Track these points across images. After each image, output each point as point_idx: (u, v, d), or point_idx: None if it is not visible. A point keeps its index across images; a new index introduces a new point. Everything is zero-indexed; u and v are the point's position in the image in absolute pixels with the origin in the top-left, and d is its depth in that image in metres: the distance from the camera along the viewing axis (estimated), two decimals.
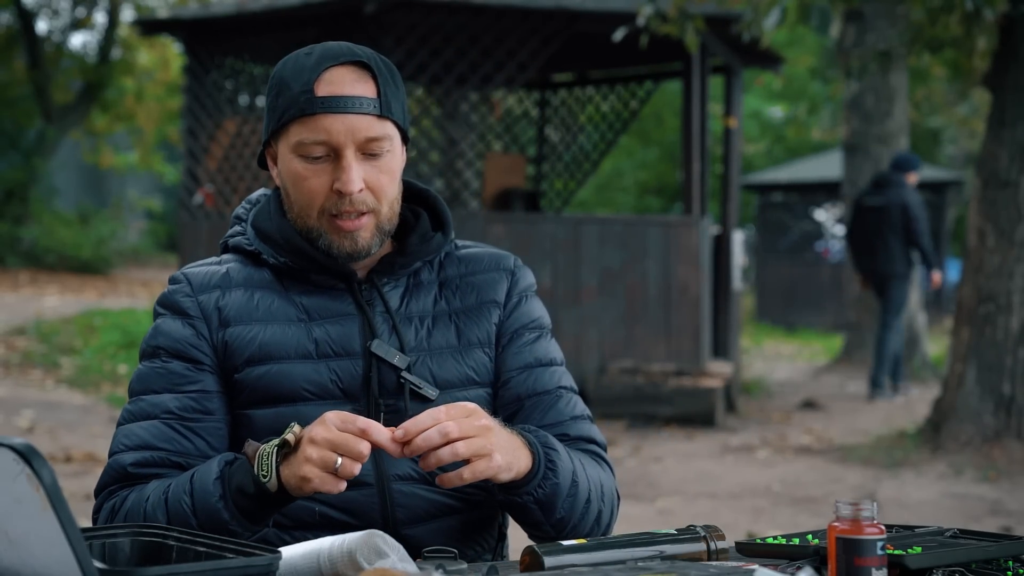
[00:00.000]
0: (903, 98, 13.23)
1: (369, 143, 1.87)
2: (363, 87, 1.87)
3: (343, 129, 1.85)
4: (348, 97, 1.86)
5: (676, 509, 6.72)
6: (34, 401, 9.38)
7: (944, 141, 25.15)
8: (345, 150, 1.86)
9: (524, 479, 1.80)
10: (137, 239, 23.96)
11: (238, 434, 1.93)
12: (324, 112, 1.85)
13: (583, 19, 9.58)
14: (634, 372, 9.49)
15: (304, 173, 1.89)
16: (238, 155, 10.35)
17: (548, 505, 1.83)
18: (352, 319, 1.94)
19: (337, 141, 1.86)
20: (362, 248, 1.91)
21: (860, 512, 1.54)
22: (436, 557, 1.62)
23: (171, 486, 1.81)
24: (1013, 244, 8.20)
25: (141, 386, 1.93)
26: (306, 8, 9.56)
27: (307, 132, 1.86)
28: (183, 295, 1.96)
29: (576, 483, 1.86)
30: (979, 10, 7.62)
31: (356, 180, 1.86)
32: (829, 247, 19.95)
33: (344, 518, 1.89)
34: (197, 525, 1.76)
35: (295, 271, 1.95)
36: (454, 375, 1.95)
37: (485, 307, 2.00)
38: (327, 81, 1.86)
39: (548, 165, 12.32)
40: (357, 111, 1.86)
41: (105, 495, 1.89)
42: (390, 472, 1.90)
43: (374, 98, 1.87)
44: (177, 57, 19.37)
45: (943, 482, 7.63)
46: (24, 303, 14.24)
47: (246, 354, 1.91)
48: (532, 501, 1.82)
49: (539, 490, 1.81)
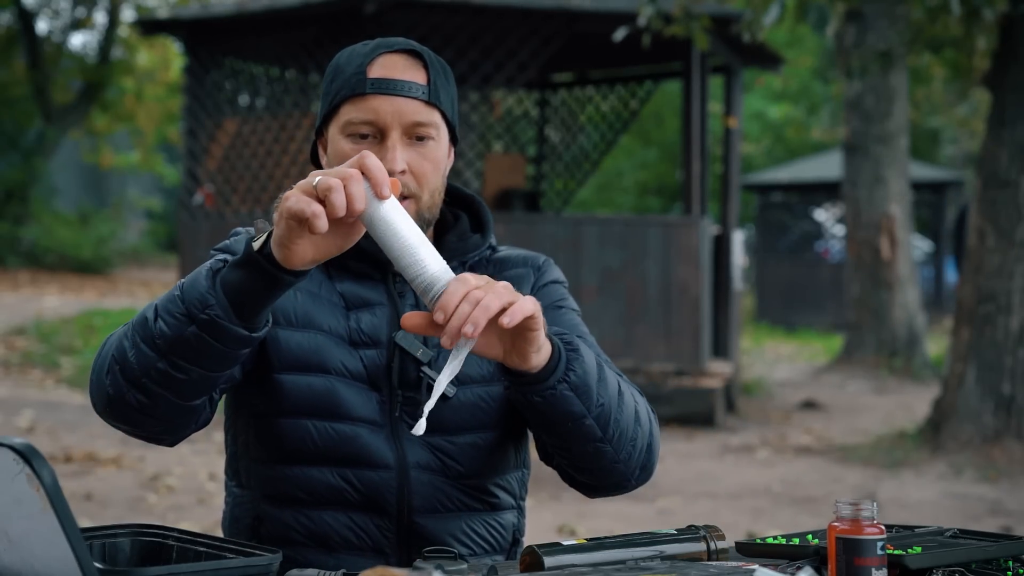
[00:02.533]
0: (903, 98, 13.24)
1: (415, 127, 1.91)
2: (414, 73, 1.92)
3: (391, 110, 1.90)
4: (398, 80, 1.90)
5: (676, 509, 6.72)
6: (34, 401, 9.38)
7: (944, 141, 25.16)
8: (391, 131, 1.90)
9: (550, 366, 1.77)
10: (137, 239, 23.96)
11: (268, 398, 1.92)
12: (374, 93, 1.90)
13: (583, 19, 9.58)
14: (634, 372, 9.49)
15: (350, 152, 1.91)
16: (238, 155, 10.35)
17: (584, 389, 1.80)
18: (383, 309, 1.97)
19: (384, 122, 1.90)
20: None
21: (860, 512, 1.54)
22: (436, 557, 1.62)
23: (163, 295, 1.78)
24: (1013, 244, 8.21)
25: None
26: (306, 8, 9.56)
27: (356, 112, 1.90)
28: (243, 244, 1.94)
29: (602, 367, 1.85)
30: (979, 10, 7.62)
31: (400, 160, 1.89)
32: (829, 247, 19.95)
33: (360, 500, 1.91)
34: (180, 298, 1.70)
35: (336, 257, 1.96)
36: (475, 371, 1.96)
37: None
38: (380, 65, 1.92)
39: (548, 165, 12.32)
40: (406, 94, 1.90)
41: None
42: (411, 459, 1.92)
43: (424, 85, 1.92)
44: (177, 57, 19.39)
45: (943, 482, 7.63)
46: (24, 303, 14.25)
47: (290, 316, 1.93)
48: (567, 388, 1.78)
49: (571, 373, 1.78)
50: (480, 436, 1.96)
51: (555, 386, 1.78)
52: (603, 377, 1.85)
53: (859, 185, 13.20)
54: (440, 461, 1.93)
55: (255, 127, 10.28)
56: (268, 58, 10.55)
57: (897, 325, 13.12)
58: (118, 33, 20.99)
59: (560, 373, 1.78)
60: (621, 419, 1.87)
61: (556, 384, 1.78)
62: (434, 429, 1.90)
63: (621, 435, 1.87)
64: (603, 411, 1.84)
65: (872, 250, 13.09)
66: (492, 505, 1.99)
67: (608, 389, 1.85)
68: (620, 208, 23.82)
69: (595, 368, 1.83)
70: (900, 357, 13.01)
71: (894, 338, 13.12)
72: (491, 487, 1.99)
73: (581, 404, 1.81)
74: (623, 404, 1.88)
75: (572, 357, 1.80)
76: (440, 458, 1.93)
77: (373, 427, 1.92)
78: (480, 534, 1.98)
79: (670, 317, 9.69)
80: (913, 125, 19.74)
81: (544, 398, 1.79)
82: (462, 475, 1.95)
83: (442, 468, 1.93)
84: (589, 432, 1.84)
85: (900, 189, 13.20)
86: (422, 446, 1.93)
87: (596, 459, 1.88)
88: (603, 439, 1.85)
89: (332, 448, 1.90)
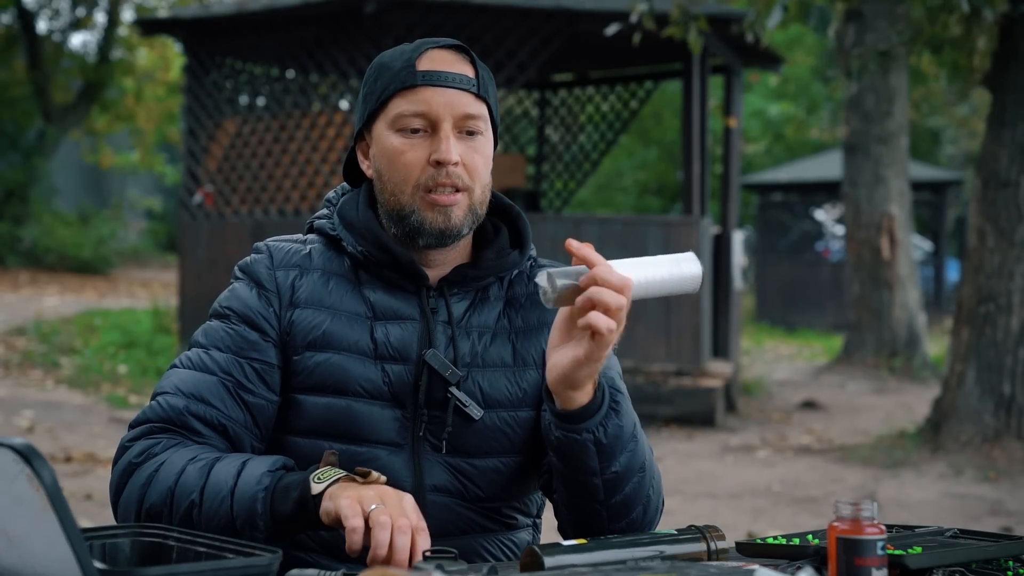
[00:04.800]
0: (903, 98, 13.24)
1: (467, 120, 1.90)
2: (462, 67, 1.92)
3: (443, 102, 1.89)
4: (449, 73, 1.90)
5: (676, 509, 6.72)
6: (34, 401, 9.38)
7: (944, 141, 25.16)
8: (443, 123, 1.89)
9: (587, 410, 1.76)
10: (137, 239, 23.95)
11: (285, 417, 1.93)
12: (425, 84, 1.89)
13: (583, 19, 9.58)
14: (634, 372, 9.49)
15: (401, 147, 1.90)
16: (238, 155, 10.35)
17: (608, 450, 1.79)
18: (414, 324, 1.93)
19: (436, 113, 1.89)
20: (454, 225, 1.90)
21: (860, 512, 1.54)
22: (436, 557, 1.62)
23: (221, 458, 1.80)
24: (1013, 244, 8.20)
25: (207, 340, 1.93)
26: (306, 8, 9.56)
27: (407, 104, 1.89)
28: (263, 266, 1.97)
29: (636, 439, 1.83)
30: (979, 10, 7.62)
31: (454, 151, 1.88)
32: (829, 247, 19.95)
33: None
34: (231, 504, 1.75)
35: (371, 264, 1.95)
36: (504, 394, 1.93)
37: (545, 327, 1.97)
38: (428, 58, 1.91)
39: (548, 165, 12.33)
40: (457, 86, 1.89)
41: (146, 430, 1.87)
42: (429, 482, 1.90)
43: (473, 78, 1.91)
44: (177, 57, 19.38)
45: (943, 482, 7.63)
46: (24, 303, 14.25)
47: (309, 338, 1.91)
48: (592, 440, 1.77)
49: (600, 428, 1.77)
50: (502, 460, 1.93)
51: (580, 433, 1.77)
52: (633, 449, 1.82)
53: (859, 185, 13.20)
54: (460, 483, 1.91)
55: (255, 127, 10.27)
56: (268, 58, 10.55)
57: (897, 325, 13.12)
58: (118, 33, 20.98)
59: (593, 422, 1.77)
60: (628, 491, 1.84)
61: (582, 432, 1.77)
62: (457, 451, 1.89)
63: (621, 507, 1.85)
64: (616, 478, 1.82)
65: (872, 250, 13.09)
66: (508, 526, 1.97)
67: (632, 461, 1.83)
68: (620, 208, 23.81)
69: (628, 436, 1.81)
70: (900, 357, 13.02)
71: (894, 338, 13.12)
72: (508, 510, 1.96)
73: (597, 461, 1.79)
74: (640, 484, 1.85)
75: (610, 414, 1.78)
76: (460, 480, 1.91)
77: (392, 448, 1.89)
78: (494, 554, 1.96)
79: (670, 317, 9.69)
80: (913, 125, 19.74)
81: (565, 437, 1.78)
82: (480, 498, 1.93)
83: (461, 491, 1.91)
84: (593, 490, 1.82)
85: (900, 189, 13.20)
86: (443, 467, 1.90)
87: (589, 516, 1.87)
88: (603, 502, 1.84)
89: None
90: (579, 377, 1.72)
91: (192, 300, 10.53)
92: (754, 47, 10.28)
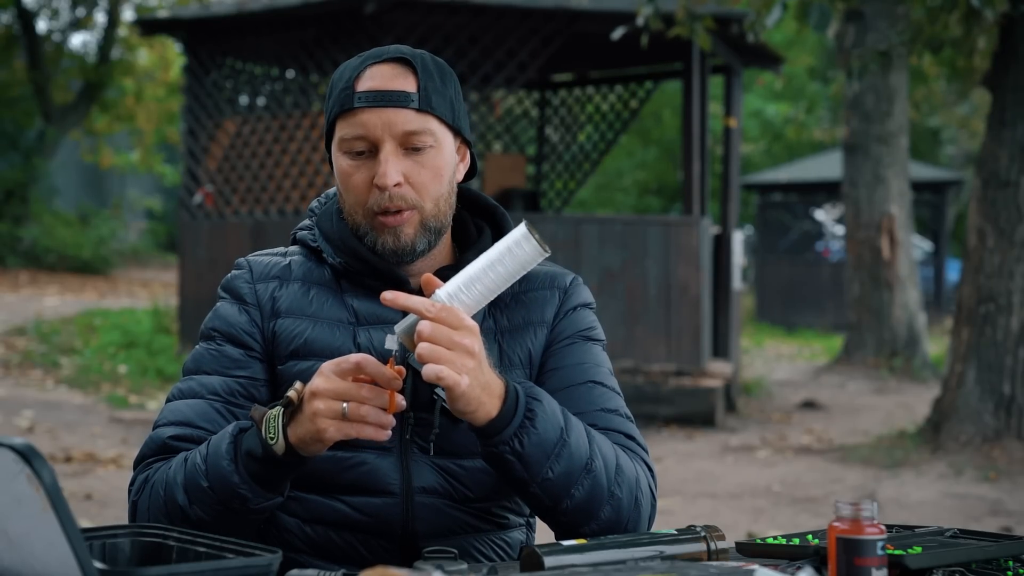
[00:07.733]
0: (903, 98, 13.24)
1: (408, 137, 1.87)
2: (402, 82, 1.88)
3: (380, 123, 1.86)
4: (385, 91, 1.87)
5: (676, 509, 6.72)
6: (34, 401, 9.38)
7: (944, 141, 25.17)
8: (383, 144, 1.87)
9: (495, 426, 1.74)
10: (137, 239, 23.95)
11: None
12: (362, 106, 1.87)
13: (583, 19, 9.58)
14: (634, 372, 9.49)
15: (348, 169, 1.90)
16: (238, 155, 10.35)
17: (531, 459, 1.75)
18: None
19: (375, 135, 1.87)
20: (406, 244, 1.90)
21: (860, 512, 1.54)
22: (436, 557, 1.62)
23: (191, 453, 1.83)
24: (1013, 244, 8.21)
25: (194, 365, 1.95)
26: (306, 8, 9.56)
27: (348, 128, 1.88)
28: (243, 281, 1.99)
29: (566, 443, 1.78)
30: (978, 10, 7.62)
31: (392, 174, 1.86)
32: (829, 247, 19.95)
33: (365, 521, 1.89)
34: (209, 488, 1.76)
35: (352, 273, 1.96)
36: None
37: (531, 327, 1.97)
38: (367, 77, 1.88)
39: (548, 165, 12.33)
40: (395, 104, 1.87)
41: (142, 467, 1.91)
42: (418, 484, 1.90)
43: (413, 92, 1.88)
44: (177, 57, 19.38)
45: (943, 482, 7.63)
46: (24, 303, 14.25)
47: (292, 347, 1.92)
48: (509, 452, 1.74)
49: (515, 440, 1.74)
50: None
51: (496, 447, 1.75)
52: (566, 455, 1.78)
53: (859, 185, 13.20)
54: (449, 484, 1.90)
55: (255, 127, 10.28)
56: (268, 58, 10.55)
57: (897, 325, 13.12)
58: (118, 33, 20.98)
59: (505, 435, 1.74)
60: (580, 495, 1.80)
61: (498, 445, 1.75)
62: (444, 452, 1.89)
63: (580, 511, 1.82)
64: (553, 485, 1.78)
65: (872, 250, 13.09)
66: (500, 525, 1.97)
67: (570, 465, 1.78)
68: (620, 208, 23.82)
69: (554, 439, 1.77)
70: (900, 357, 13.02)
71: (894, 338, 13.12)
72: (499, 509, 1.96)
73: (524, 471, 1.77)
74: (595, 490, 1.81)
75: (524, 425, 1.75)
76: (449, 481, 1.90)
77: (380, 451, 1.89)
78: (486, 554, 1.95)
79: (670, 317, 9.69)
80: (913, 125, 19.75)
81: (487, 451, 1.78)
82: (470, 499, 1.92)
83: (450, 492, 1.90)
84: (536, 498, 1.81)
85: (900, 189, 13.20)
86: (431, 469, 1.90)
87: (554, 522, 1.86)
88: (553, 508, 1.82)
89: (336, 475, 1.88)
90: (456, 409, 1.72)
91: (192, 300, 10.53)
92: (754, 47, 10.29)
